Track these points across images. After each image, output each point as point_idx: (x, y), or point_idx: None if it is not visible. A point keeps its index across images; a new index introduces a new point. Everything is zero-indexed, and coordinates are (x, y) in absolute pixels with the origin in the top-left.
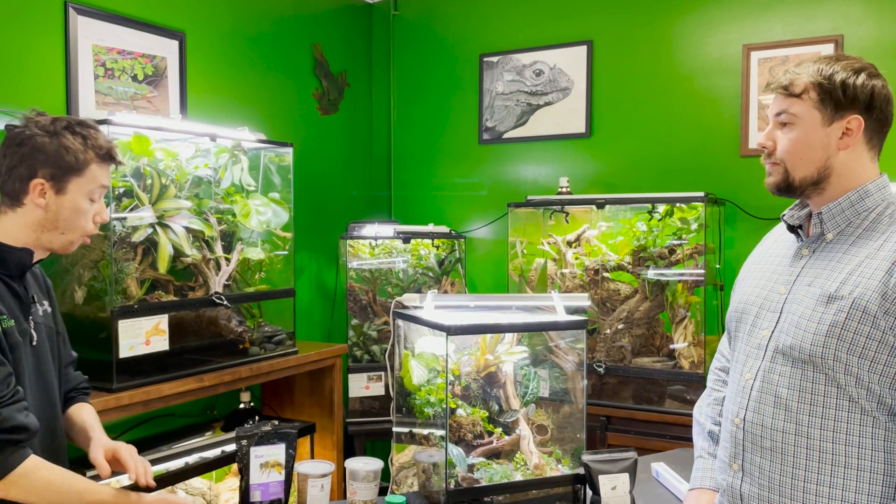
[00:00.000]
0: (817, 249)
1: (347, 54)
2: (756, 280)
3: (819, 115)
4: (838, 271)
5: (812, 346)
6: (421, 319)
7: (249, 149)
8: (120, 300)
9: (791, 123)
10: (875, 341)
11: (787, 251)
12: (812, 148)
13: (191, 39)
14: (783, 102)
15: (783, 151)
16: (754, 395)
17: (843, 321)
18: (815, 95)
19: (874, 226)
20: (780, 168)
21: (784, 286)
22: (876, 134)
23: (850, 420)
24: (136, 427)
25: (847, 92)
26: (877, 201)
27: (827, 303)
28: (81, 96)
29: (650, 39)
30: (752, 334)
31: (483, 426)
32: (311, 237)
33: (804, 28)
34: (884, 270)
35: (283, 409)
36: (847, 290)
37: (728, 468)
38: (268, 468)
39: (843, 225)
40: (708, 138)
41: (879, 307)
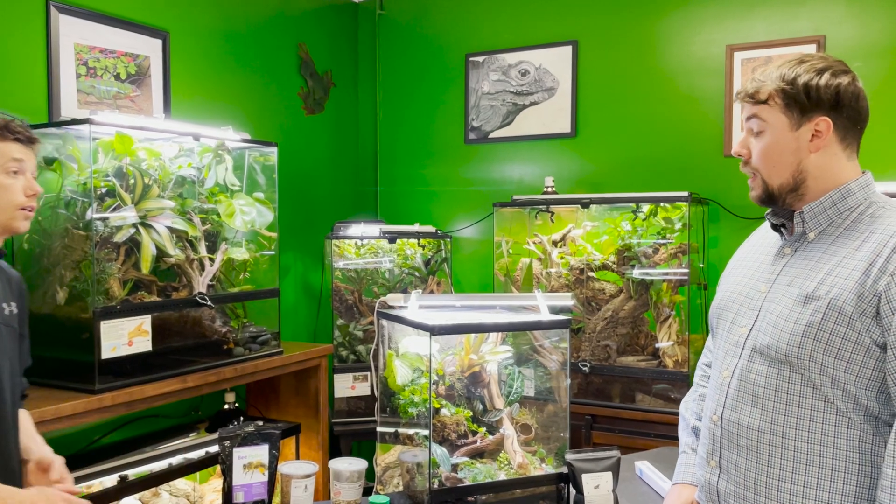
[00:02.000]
0: (799, 248)
1: (333, 54)
2: (738, 277)
3: (786, 120)
4: (817, 271)
5: (788, 346)
6: (405, 319)
7: (233, 148)
8: (102, 301)
9: (762, 131)
10: (850, 342)
11: (770, 249)
12: (783, 153)
13: (174, 38)
14: (751, 110)
15: (757, 160)
16: (731, 393)
17: (820, 321)
18: (780, 101)
19: (855, 225)
20: (759, 179)
21: (765, 284)
22: (849, 132)
23: (825, 420)
24: (119, 428)
25: (811, 94)
26: (859, 200)
27: (804, 303)
28: (63, 95)
29: (634, 40)
30: (731, 332)
31: (467, 426)
32: (296, 237)
33: (787, 28)
34: (861, 271)
35: (268, 410)
36: (824, 291)
37: (706, 464)
38: (251, 469)
39: (824, 224)
40: (692, 138)
41: (855, 308)
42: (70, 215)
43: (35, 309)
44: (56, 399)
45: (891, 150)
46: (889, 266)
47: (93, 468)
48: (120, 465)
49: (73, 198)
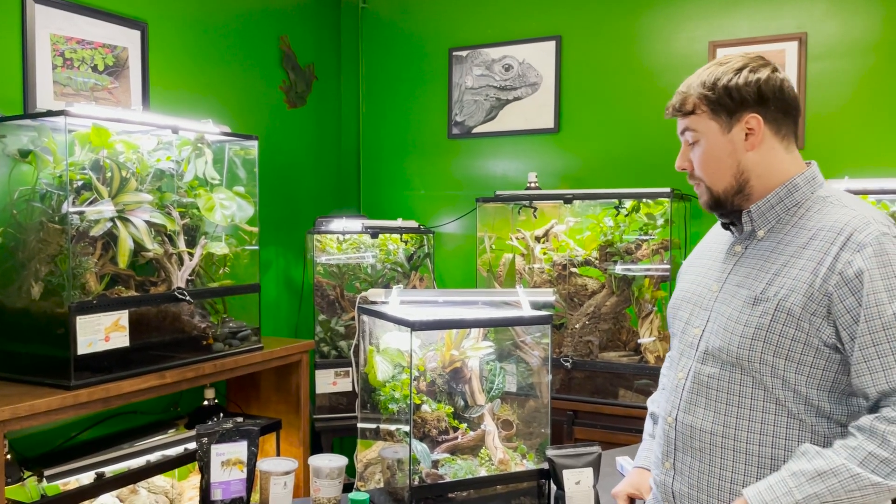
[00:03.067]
0: (750, 246)
1: (315, 47)
2: (693, 276)
3: (716, 125)
4: (765, 271)
5: (739, 349)
6: (386, 315)
7: (213, 141)
8: (78, 295)
9: (696, 141)
10: (800, 343)
11: (723, 247)
12: (721, 158)
13: (153, 29)
14: (682, 123)
15: (698, 169)
16: (686, 395)
17: (769, 324)
18: (706, 108)
19: (802, 222)
20: (703, 187)
21: (716, 283)
22: (783, 125)
23: (776, 423)
24: (97, 425)
25: (733, 94)
26: (805, 194)
27: (753, 304)
28: (39, 87)
29: (618, 35)
30: (685, 332)
31: (448, 422)
32: (278, 231)
33: (769, 25)
34: (809, 271)
35: (248, 406)
36: (773, 292)
37: (661, 466)
38: (229, 466)
39: (773, 221)
40: (674, 134)
41: (804, 309)
42: (45, 209)
43: (9, 304)
44: (31, 395)
45: (871, 146)
46: (838, 265)
47: (69, 465)
48: (97, 462)
49: (48, 191)
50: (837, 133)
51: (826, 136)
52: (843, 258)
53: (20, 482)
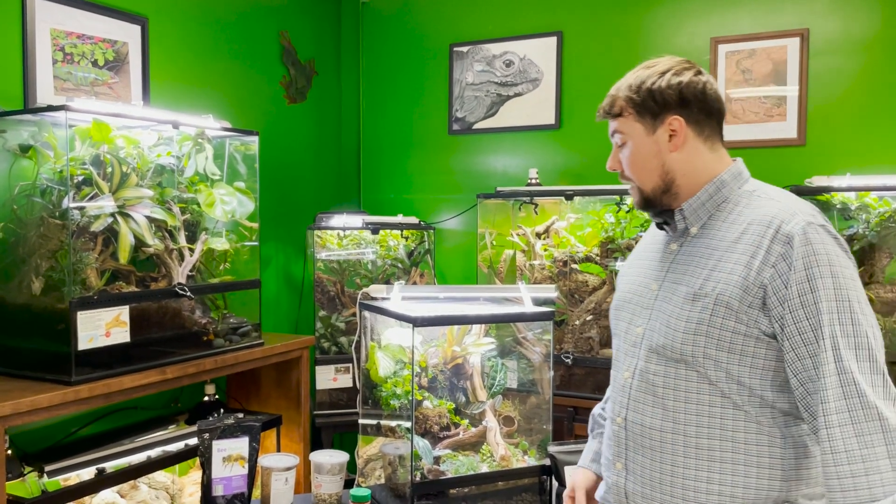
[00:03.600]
0: (685, 244)
1: (315, 42)
2: (632, 277)
3: (642, 127)
4: (702, 267)
5: (682, 345)
6: (387, 311)
7: (214, 137)
8: (79, 291)
9: (624, 143)
10: (740, 335)
11: (659, 246)
12: (647, 158)
13: (153, 24)
14: (611, 125)
15: (627, 170)
16: (633, 395)
17: (709, 318)
18: (632, 110)
19: (732, 217)
20: (634, 187)
21: (655, 282)
22: (705, 125)
23: (723, 416)
24: (97, 420)
25: (656, 97)
26: (732, 190)
27: (693, 300)
28: (39, 82)
29: (619, 31)
30: (628, 332)
31: (450, 418)
32: (278, 227)
33: (771, 21)
34: (743, 264)
35: (249, 402)
36: (710, 287)
37: (612, 467)
38: (230, 462)
39: (704, 218)
40: None
41: (741, 301)
42: (46, 204)
43: (10, 299)
44: (32, 391)
45: (873, 142)
46: (770, 257)
47: (70, 461)
48: (98, 457)
49: (48, 186)
50: (838, 129)
51: (827, 133)
52: (775, 250)
53: (21, 477)
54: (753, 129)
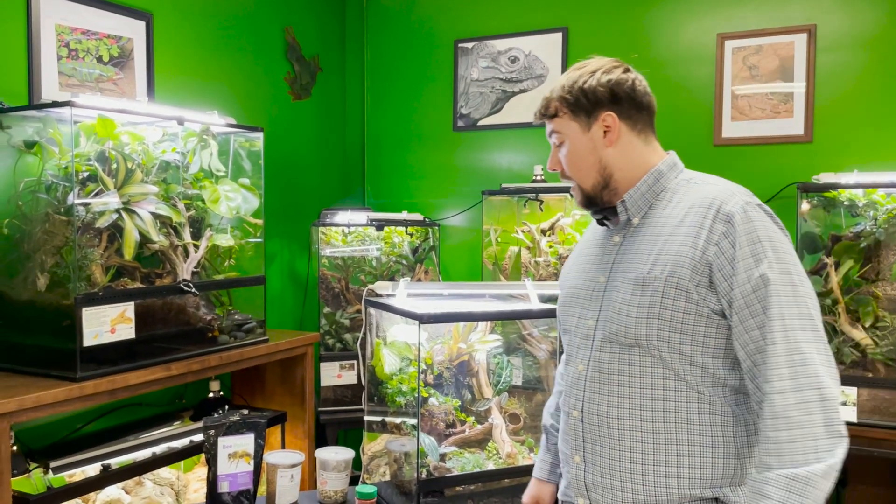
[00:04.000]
0: (627, 235)
1: (320, 38)
2: (576, 275)
3: (577, 125)
4: (648, 253)
5: (636, 329)
6: (393, 307)
7: (219, 133)
8: (84, 287)
9: (562, 142)
10: (691, 315)
11: (602, 242)
12: (584, 156)
13: (158, 20)
14: (548, 126)
15: (567, 169)
16: (588, 386)
17: (660, 301)
18: (566, 109)
19: (672, 205)
20: (576, 186)
21: (603, 275)
22: (637, 120)
23: (677, 398)
24: (102, 416)
25: (588, 95)
26: (670, 179)
27: (643, 285)
28: (44, 78)
29: (625, 27)
30: (579, 326)
31: (455, 415)
32: (283, 224)
33: (777, 17)
34: (688, 245)
35: (253, 398)
36: (658, 271)
37: (571, 461)
38: (236, 458)
39: (645, 208)
40: (682, 127)
41: (690, 280)
42: (51, 200)
43: (15, 295)
44: (37, 387)
45: (881, 139)
46: (713, 236)
47: (75, 457)
48: (102, 453)
49: (53, 182)
50: (846, 126)
51: (834, 129)
52: (717, 229)
53: (26, 474)
54: (760, 126)
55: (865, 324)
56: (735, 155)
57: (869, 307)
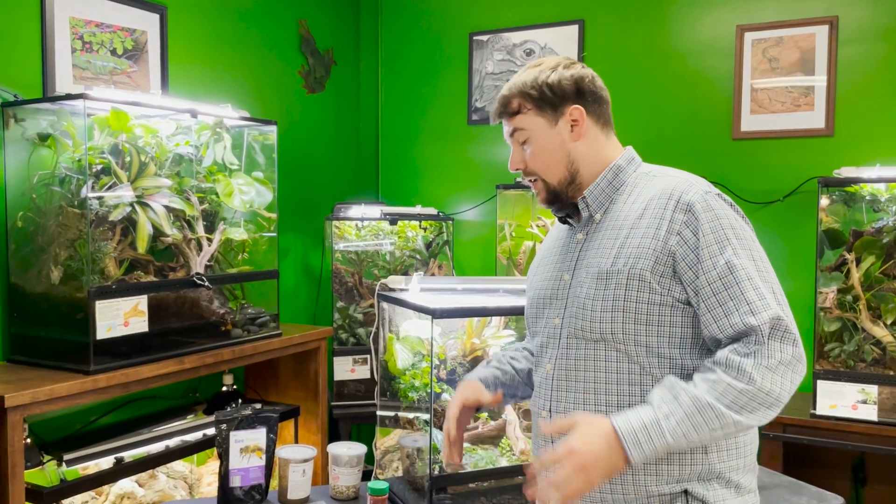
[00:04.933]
0: (590, 232)
1: (334, 31)
2: (542, 276)
3: (543, 120)
4: (609, 247)
5: (600, 324)
6: (406, 302)
7: (232, 126)
8: (97, 280)
9: (527, 139)
10: (656, 305)
11: (565, 241)
12: (552, 151)
13: (172, 13)
14: (510, 124)
15: (533, 165)
16: (555, 384)
17: (624, 293)
18: (530, 105)
19: (632, 199)
20: (540, 183)
21: (567, 273)
22: (600, 114)
23: (643, 394)
24: (116, 409)
25: (554, 90)
26: (628, 173)
27: (607, 279)
28: (58, 70)
29: (642, 19)
30: (546, 326)
31: None
32: (296, 218)
33: (798, 8)
34: (650, 237)
35: (267, 392)
36: (621, 264)
37: None
38: (248, 453)
39: (606, 203)
40: (700, 120)
41: (653, 272)
42: (65, 193)
43: (29, 288)
44: (50, 380)
45: None
46: (674, 226)
47: (88, 450)
48: (116, 446)
49: (67, 175)
50: (868, 119)
51: (856, 123)
52: (678, 219)
53: (40, 466)
54: (780, 120)
55: (887, 321)
56: (754, 149)
57: (891, 304)
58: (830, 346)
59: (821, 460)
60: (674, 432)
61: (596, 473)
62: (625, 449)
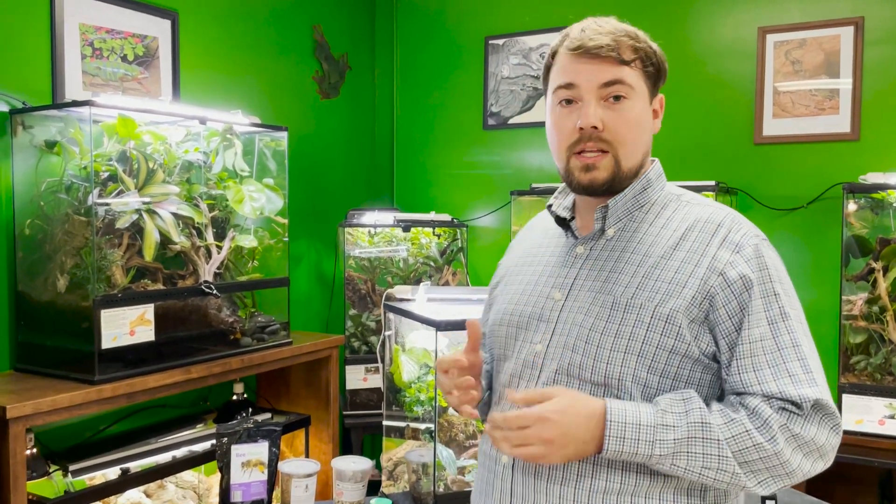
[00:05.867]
0: (597, 248)
1: (349, 36)
2: (521, 286)
3: (646, 89)
4: (630, 274)
5: (607, 365)
6: (411, 313)
7: (243, 133)
8: (103, 289)
9: (625, 96)
10: (678, 355)
11: (555, 249)
12: (645, 127)
13: (184, 19)
14: (611, 72)
15: (618, 133)
16: None
17: (644, 334)
18: (640, 65)
19: (659, 220)
20: (610, 158)
21: (558, 291)
22: None
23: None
24: (125, 418)
25: (660, 62)
26: (657, 191)
27: (625, 311)
28: (68, 77)
29: (661, 21)
30: (521, 350)
31: (476, 426)
32: (310, 224)
33: (822, 9)
34: (686, 273)
35: (278, 401)
36: (645, 297)
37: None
38: (250, 467)
39: (623, 218)
40: (720, 124)
41: (686, 314)
42: (71, 200)
43: (36, 296)
44: (54, 389)
45: None
46: (717, 264)
47: (95, 460)
48: (123, 456)
49: (74, 182)
50: (895, 123)
51: (883, 127)
52: (722, 257)
53: (46, 476)
54: (803, 124)
55: None
56: (776, 154)
57: None
58: (856, 359)
59: (846, 477)
60: (665, 447)
61: (561, 451)
62: (604, 436)
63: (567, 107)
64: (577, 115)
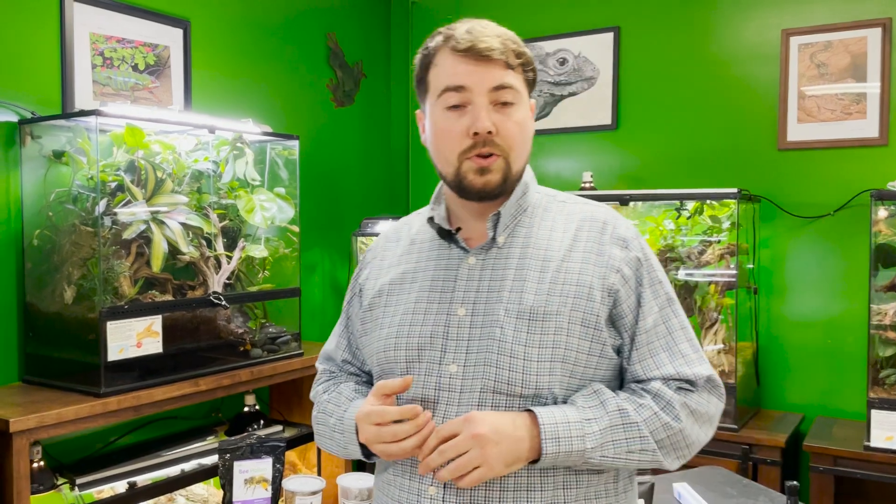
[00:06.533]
0: (488, 256)
1: (364, 44)
2: (409, 304)
3: (525, 93)
4: (536, 281)
5: (538, 377)
6: None
7: (253, 142)
8: (110, 300)
9: (512, 102)
10: (594, 356)
11: (438, 261)
12: (530, 131)
13: (196, 27)
14: (501, 76)
15: (509, 137)
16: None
17: (565, 339)
18: (521, 70)
19: (546, 223)
20: (501, 161)
21: (461, 306)
22: None
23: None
24: (134, 430)
25: (532, 66)
26: (533, 195)
27: (542, 320)
28: (78, 86)
29: (681, 25)
30: (430, 374)
31: None
32: (324, 233)
33: (849, 11)
34: (589, 273)
35: (291, 412)
36: (557, 303)
37: None
38: (253, 484)
39: (510, 224)
40: (743, 130)
41: (599, 314)
42: (79, 211)
43: (44, 308)
44: (60, 402)
45: None
46: (613, 262)
47: (103, 473)
48: (131, 470)
49: (81, 193)
50: None
51: None
52: (616, 255)
53: (53, 489)
54: (829, 129)
55: None
56: (801, 160)
57: None
58: (887, 373)
59: (875, 496)
60: (594, 439)
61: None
62: (541, 440)
63: (456, 111)
64: (468, 119)
